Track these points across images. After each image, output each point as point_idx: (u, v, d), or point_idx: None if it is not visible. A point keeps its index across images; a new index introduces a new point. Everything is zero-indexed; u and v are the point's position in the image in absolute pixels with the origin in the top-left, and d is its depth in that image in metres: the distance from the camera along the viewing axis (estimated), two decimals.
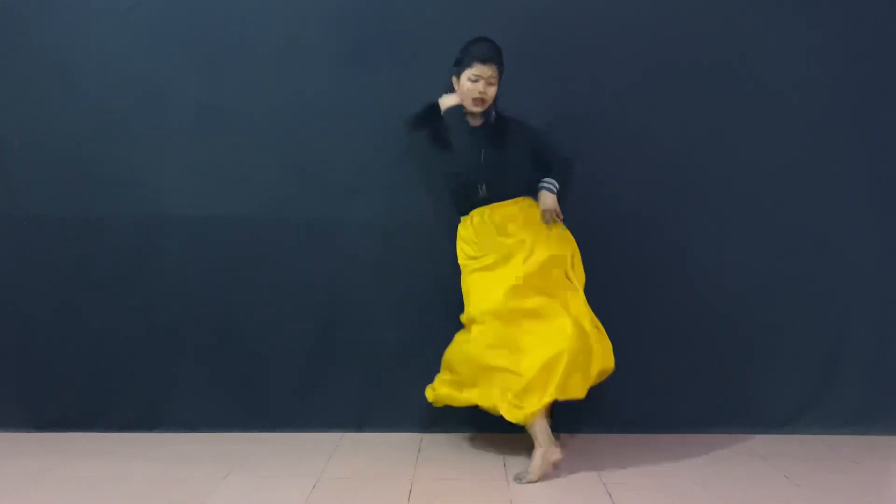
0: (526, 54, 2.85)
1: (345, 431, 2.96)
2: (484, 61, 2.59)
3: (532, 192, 2.71)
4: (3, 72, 2.95)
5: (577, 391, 2.48)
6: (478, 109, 2.66)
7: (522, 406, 2.44)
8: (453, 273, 2.76)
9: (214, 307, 2.97)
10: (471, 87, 2.62)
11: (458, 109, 2.67)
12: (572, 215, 2.81)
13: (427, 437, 2.86)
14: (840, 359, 3.01)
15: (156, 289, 2.97)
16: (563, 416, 2.93)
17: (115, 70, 2.95)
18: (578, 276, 2.66)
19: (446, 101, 2.68)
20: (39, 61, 2.95)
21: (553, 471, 2.51)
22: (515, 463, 2.63)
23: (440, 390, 2.66)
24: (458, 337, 2.67)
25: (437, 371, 2.74)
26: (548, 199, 2.66)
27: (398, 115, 2.83)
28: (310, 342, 2.98)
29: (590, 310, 2.61)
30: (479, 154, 2.65)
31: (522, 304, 2.52)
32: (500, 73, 2.65)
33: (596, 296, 2.95)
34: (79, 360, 2.97)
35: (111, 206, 2.96)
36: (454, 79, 2.68)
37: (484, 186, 2.66)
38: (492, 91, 2.63)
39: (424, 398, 2.74)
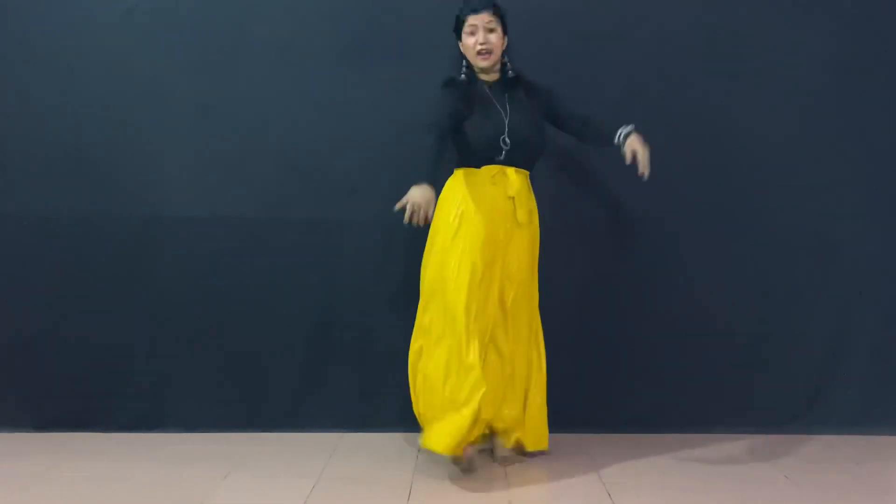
0: (526, 54, 2.85)
1: (345, 431, 2.95)
2: (476, 10, 2.49)
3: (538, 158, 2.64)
4: (3, 72, 2.96)
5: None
6: (486, 63, 2.53)
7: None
8: None
9: (214, 307, 2.97)
10: (471, 42, 2.51)
11: (465, 78, 2.55)
12: (573, 215, 2.82)
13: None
14: (840, 359, 3.01)
15: (155, 288, 2.97)
16: (563, 416, 2.94)
17: (115, 70, 2.95)
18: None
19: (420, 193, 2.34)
20: (39, 61, 2.95)
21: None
22: (515, 463, 2.63)
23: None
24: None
25: None
26: (639, 144, 2.48)
27: (398, 114, 2.85)
28: (310, 342, 2.98)
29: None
30: (502, 110, 2.54)
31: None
32: (501, 18, 2.52)
33: (596, 297, 2.97)
34: (79, 360, 2.97)
35: (111, 206, 2.96)
36: (459, 45, 2.57)
37: (507, 140, 2.50)
38: (493, 38, 2.50)
39: None
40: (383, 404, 2.96)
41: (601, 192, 2.95)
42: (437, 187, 2.44)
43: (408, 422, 2.88)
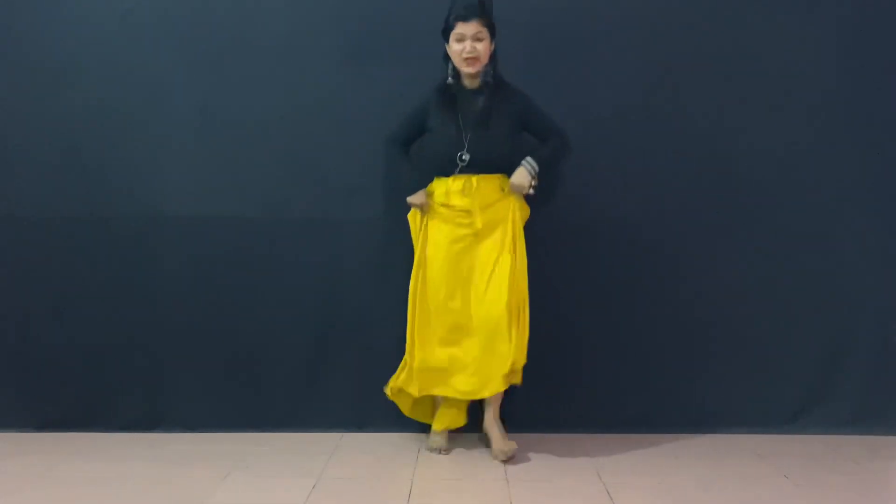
0: (526, 54, 2.86)
1: (345, 431, 2.95)
2: (465, 18, 2.52)
3: (512, 167, 2.67)
4: (3, 72, 2.96)
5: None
6: (472, 70, 2.59)
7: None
8: None
9: (214, 307, 2.97)
10: (458, 48, 2.56)
11: (451, 81, 2.65)
12: (573, 214, 2.82)
13: (427, 437, 2.85)
14: (840, 359, 3.01)
15: (155, 289, 2.97)
16: (563, 416, 2.94)
17: (114, 70, 2.95)
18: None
19: (412, 200, 2.71)
20: (39, 61, 2.95)
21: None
22: (516, 463, 2.63)
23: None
24: None
25: None
26: (523, 179, 2.63)
27: (398, 115, 2.84)
28: (310, 342, 2.98)
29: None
30: (466, 124, 2.62)
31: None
32: (489, 27, 2.57)
33: (596, 296, 2.97)
34: (79, 360, 2.97)
35: (111, 206, 2.96)
36: (447, 47, 2.62)
37: (466, 155, 2.61)
38: (481, 47, 2.55)
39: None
40: (383, 404, 2.95)
41: (602, 191, 2.95)
42: (422, 179, 2.72)
43: (408, 422, 2.89)
